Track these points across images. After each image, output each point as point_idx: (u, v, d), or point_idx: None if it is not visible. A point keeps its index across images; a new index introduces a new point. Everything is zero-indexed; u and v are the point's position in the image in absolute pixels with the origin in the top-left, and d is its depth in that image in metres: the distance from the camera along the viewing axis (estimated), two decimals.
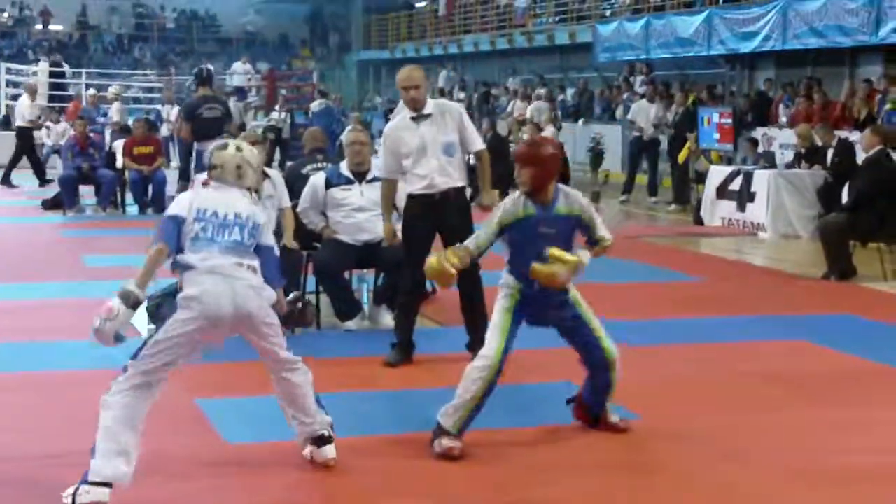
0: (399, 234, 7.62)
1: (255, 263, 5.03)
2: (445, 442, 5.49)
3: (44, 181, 20.63)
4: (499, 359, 5.54)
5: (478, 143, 7.52)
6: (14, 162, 21.20)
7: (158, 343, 4.87)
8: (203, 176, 10.23)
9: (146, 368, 4.87)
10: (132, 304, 4.82)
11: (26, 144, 21.00)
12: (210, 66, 16.25)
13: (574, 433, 5.97)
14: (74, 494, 4.70)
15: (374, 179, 8.47)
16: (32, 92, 22.40)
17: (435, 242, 7.31)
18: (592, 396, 5.99)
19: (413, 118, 7.37)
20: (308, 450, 5.29)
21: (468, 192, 7.82)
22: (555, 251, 5.56)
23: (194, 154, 13.71)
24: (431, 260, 5.63)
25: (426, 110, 7.36)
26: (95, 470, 4.72)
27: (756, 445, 5.78)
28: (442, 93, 29.83)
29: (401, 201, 7.72)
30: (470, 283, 7.31)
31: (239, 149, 5.24)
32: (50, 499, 4.86)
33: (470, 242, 5.69)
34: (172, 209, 5.07)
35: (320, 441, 5.24)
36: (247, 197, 5.18)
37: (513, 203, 5.66)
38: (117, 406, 4.80)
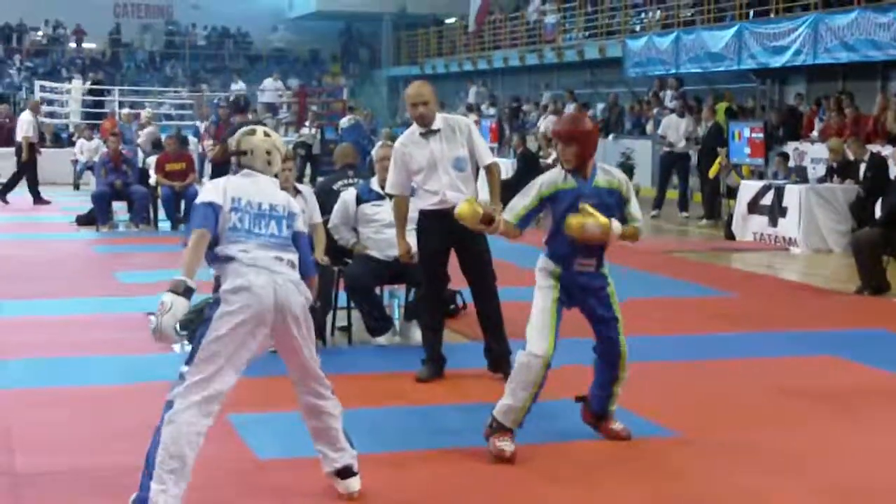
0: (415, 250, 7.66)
1: (294, 258, 4.87)
2: (500, 443, 5.60)
3: (38, 199, 20.64)
4: (551, 354, 5.62)
5: (488, 157, 7.49)
6: (16, 177, 21.15)
7: (209, 345, 4.63)
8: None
9: (204, 376, 4.62)
10: (184, 292, 4.58)
11: (24, 160, 20.92)
12: (244, 88, 16.41)
13: (609, 448, 5.93)
14: None
15: None
16: (35, 108, 22.36)
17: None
18: (597, 398, 6.06)
19: (422, 134, 7.36)
20: (331, 480, 5.11)
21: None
22: (587, 206, 5.63)
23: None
24: (463, 204, 5.78)
25: (435, 126, 7.35)
26: (153, 497, 4.51)
27: (789, 461, 5.73)
28: (470, 108, 29.87)
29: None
30: (487, 297, 7.32)
31: (267, 134, 5.10)
32: None
33: (507, 214, 5.73)
34: (206, 196, 4.82)
35: (344, 473, 5.05)
36: (276, 184, 5.04)
37: (554, 176, 5.76)
38: (184, 425, 4.58)
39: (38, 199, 20.86)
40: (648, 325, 9.38)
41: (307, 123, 25.89)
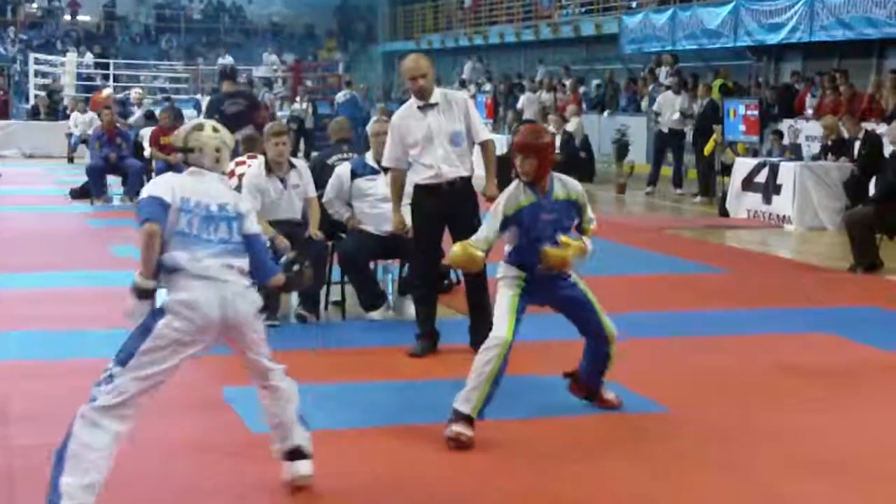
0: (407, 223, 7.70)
1: (244, 263, 4.65)
2: (455, 427, 5.52)
3: None
4: (510, 338, 5.61)
5: (484, 134, 7.50)
6: None
7: (147, 353, 4.47)
8: (231, 165, 10.26)
9: (130, 381, 4.47)
10: (142, 295, 4.50)
11: None
12: (232, 61, 16.35)
13: (597, 423, 5.96)
14: None
15: None
16: None
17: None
18: (590, 372, 6.13)
19: (420, 107, 7.35)
20: (283, 465, 4.93)
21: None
22: (564, 238, 5.74)
23: None
24: (456, 248, 5.70)
25: (433, 100, 7.34)
26: (69, 492, 4.31)
27: (778, 438, 5.76)
28: (463, 84, 29.80)
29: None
30: (476, 282, 7.32)
31: (216, 129, 4.78)
32: None
33: (479, 244, 5.76)
34: (154, 190, 4.58)
35: (294, 454, 4.87)
36: (224, 182, 4.80)
37: (513, 193, 5.78)
38: (101, 427, 4.43)
39: None
40: (642, 302, 9.40)
41: (298, 98, 25.87)
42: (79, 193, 17.03)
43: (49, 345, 7.62)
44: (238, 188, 8.88)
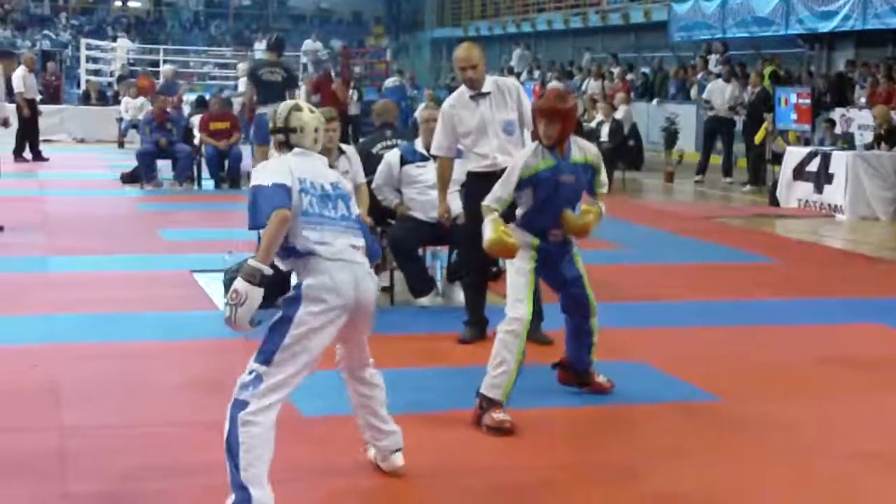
0: (453, 212, 7.74)
1: (363, 242, 4.59)
2: (497, 415, 5.48)
3: (20, 156, 20.46)
4: (529, 318, 5.62)
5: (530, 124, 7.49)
6: (22, 134, 20.69)
7: (291, 346, 4.33)
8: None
9: (283, 377, 4.34)
10: (259, 282, 4.29)
11: (23, 116, 20.51)
12: (279, 35, 16.41)
13: (647, 412, 5.93)
14: None
15: None
16: (29, 63, 22.10)
17: None
18: (577, 354, 6.10)
19: (472, 97, 7.32)
20: (373, 453, 4.95)
21: None
22: (585, 206, 5.85)
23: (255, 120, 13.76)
24: (490, 236, 5.62)
25: (485, 88, 7.32)
26: (259, 500, 4.25)
27: (832, 430, 5.71)
28: (511, 71, 29.71)
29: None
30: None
31: (312, 110, 4.71)
32: (126, 466, 4.94)
33: (493, 204, 5.73)
34: (274, 177, 4.40)
35: (392, 448, 4.90)
36: (325, 162, 4.73)
37: (531, 155, 5.77)
38: (264, 426, 4.32)
39: (37, 155, 20.79)
40: (690, 291, 9.35)
41: (352, 85, 25.88)
42: (129, 178, 17.15)
43: (100, 327, 7.68)
44: None
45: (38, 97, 22.03)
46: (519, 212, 5.87)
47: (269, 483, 4.29)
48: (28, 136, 20.77)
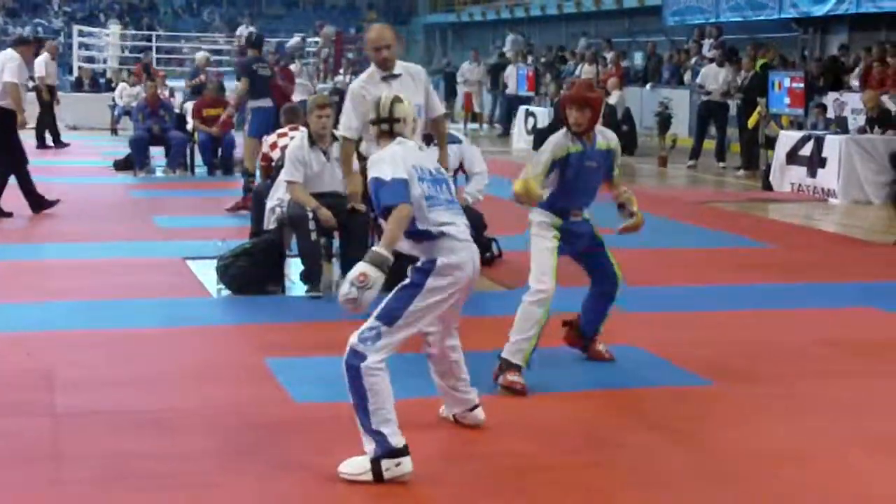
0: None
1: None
2: (511, 377, 5.87)
3: (43, 144, 20.63)
4: (553, 290, 5.94)
5: (440, 109, 7.60)
6: (42, 121, 21.00)
7: (415, 312, 4.67)
8: (272, 137, 10.28)
9: (399, 337, 4.66)
10: (385, 269, 4.57)
11: (43, 102, 20.87)
12: (253, 30, 16.56)
13: (641, 397, 5.95)
14: (378, 471, 4.54)
15: None
16: (52, 52, 22.24)
17: None
18: (590, 319, 6.46)
19: (383, 77, 7.27)
20: (454, 412, 5.30)
21: None
22: (635, 208, 6.50)
23: (251, 114, 13.87)
24: (520, 182, 5.99)
25: (396, 70, 7.29)
26: (393, 441, 4.56)
27: (825, 412, 5.73)
28: (503, 56, 29.65)
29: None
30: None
31: (408, 101, 5.09)
32: (119, 452, 4.94)
33: (533, 178, 6.02)
34: (389, 172, 4.69)
35: (473, 406, 5.29)
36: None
37: (562, 139, 6.13)
38: (384, 374, 4.60)
39: (58, 142, 20.93)
40: (683, 275, 9.36)
41: (342, 70, 25.85)
42: (122, 165, 17.12)
43: (93, 314, 7.67)
44: (280, 160, 8.92)
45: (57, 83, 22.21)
46: (546, 193, 6.12)
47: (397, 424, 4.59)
48: (48, 123, 20.89)
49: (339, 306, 4.65)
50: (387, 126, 4.92)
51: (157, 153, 17.13)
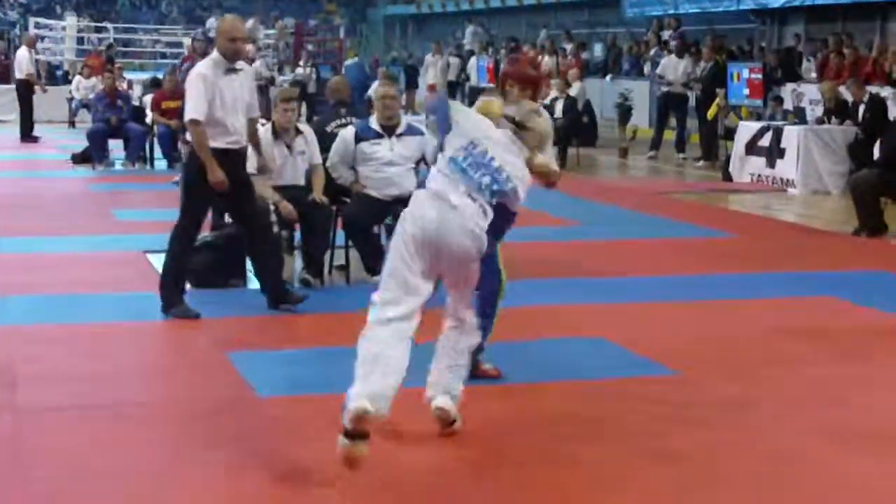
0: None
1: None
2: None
3: (28, 136, 20.55)
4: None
5: (257, 111, 7.56)
6: (25, 114, 21.00)
7: (389, 257, 4.96)
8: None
9: (387, 287, 4.94)
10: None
11: (25, 97, 20.85)
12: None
13: (607, 388, 5.94)
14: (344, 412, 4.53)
15: (405, 134, 8.43)
16: (31, 44, 22.19)
17: None
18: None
19: (228, 70, 7.19)
20: (441, 400, 5.14)
21: None
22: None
23: None
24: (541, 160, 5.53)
25: (238, 65, 7.29)
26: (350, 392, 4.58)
27: (782, 401, 5.75)
28: (461, 49, 29.62)
29: None
30: (263, 239, 7.54)
31: None
32: (81, 449, 4.89)
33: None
34: (453, 115, 5.04)
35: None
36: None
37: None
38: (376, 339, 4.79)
39: (29, 136, 20.81)
40: (646, 266, 9.38)
41: (301, 63, 25.70)
42: (80, 158, 16.96)
43: (52, 309, 7.59)
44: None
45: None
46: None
47: (381, 387, 4.58)
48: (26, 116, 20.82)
49: None
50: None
51: (115, 146, 16.97)
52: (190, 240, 7.44)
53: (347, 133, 8.56)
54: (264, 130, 8.51)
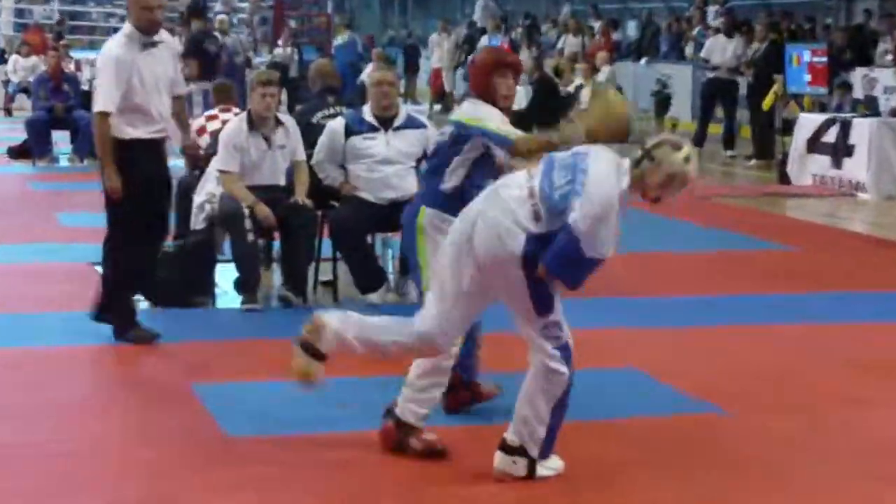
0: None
1: None
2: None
3: None
4: None
5: (183, 86, 7.61)
6: None
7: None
8: (199, 121, 10.19)
9: (435, 299, 5.22)
10: None
11: None
12: None
13: (646, 427, 5.93)
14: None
15: (403, 126, 8.43)
16: None
17: None
18: (465, 359, 5.87)
19: (145, 44, 7.12)
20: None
21: None
22: None
23: (200, 96, 13.74)
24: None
25: (158, 37, 7.23)
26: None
27: (855, 451, 5.72)
28: (472, 26, 29.69)
29: None
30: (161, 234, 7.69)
31: None
32: (16, 496, 4.87)
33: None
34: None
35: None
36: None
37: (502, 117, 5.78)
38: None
39: None
40: (688, 284, 9.38)
41: (280, 42, 25.72)
42: (18, 152, 16.98)
43: None
44: (211, 147, 8.86)
45: None
46: (448, 186, 5.71)
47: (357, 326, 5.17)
48: None
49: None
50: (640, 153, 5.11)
51: (60, 138, 17.00)
52: (132, 253, 7.33)
53: (336, 125, 8.56)
54: (238, 120, 8.53)
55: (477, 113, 5.66)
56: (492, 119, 5.62)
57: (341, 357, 5.21)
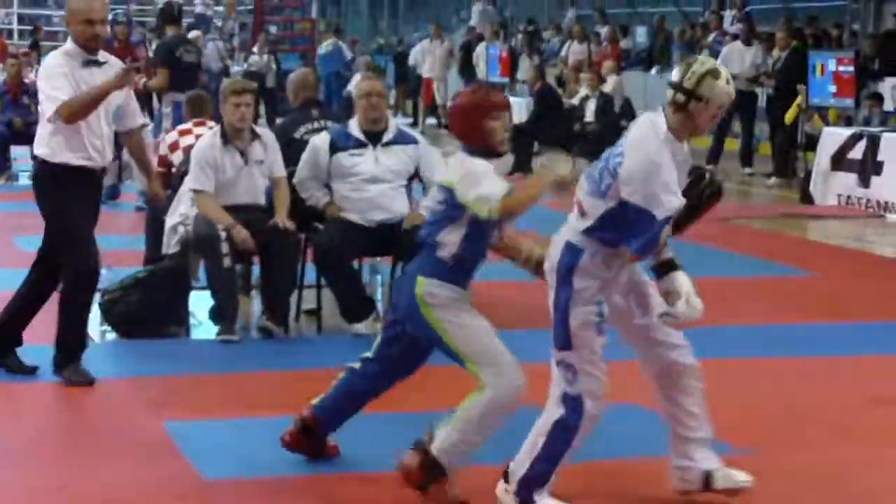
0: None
1: None
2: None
3: None
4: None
5: (140, 119, 7.58)
6: None
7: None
8: (172, 135, 10.19)
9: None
10: None
11: None
12: (178, 1, 16.33)
13: (662, 468, 5.96)
14: None
15: (393, 142, 8.47)
16: None
17: None
18: (342, 412, 5.91)
19: (87, 62, 7.10)
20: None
21: None
22: None
23: (170, 108, 13.75)
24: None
25: (102, 57, 7.22)
26: None
27: (886, 490, 5.76)
28: (470, 32, 29.78)
29: None
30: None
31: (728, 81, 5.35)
32: None
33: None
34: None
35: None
36: None
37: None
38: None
39: None
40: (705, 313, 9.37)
41: (255, 49, 25.76)
42: None
43: None
44: (184, 164, 8.90)
45: None
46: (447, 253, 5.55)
47: None
48: None
49: None
50: (685, 97, 5.28)
51: (20, 154, 16.99)
52: (85, 284, 7.33)
53: (320, 141, 8.59)
54: (211, 135, 8.56)
55: (466, 176, 5.45)
56: (480, 182, 5.40)
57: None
